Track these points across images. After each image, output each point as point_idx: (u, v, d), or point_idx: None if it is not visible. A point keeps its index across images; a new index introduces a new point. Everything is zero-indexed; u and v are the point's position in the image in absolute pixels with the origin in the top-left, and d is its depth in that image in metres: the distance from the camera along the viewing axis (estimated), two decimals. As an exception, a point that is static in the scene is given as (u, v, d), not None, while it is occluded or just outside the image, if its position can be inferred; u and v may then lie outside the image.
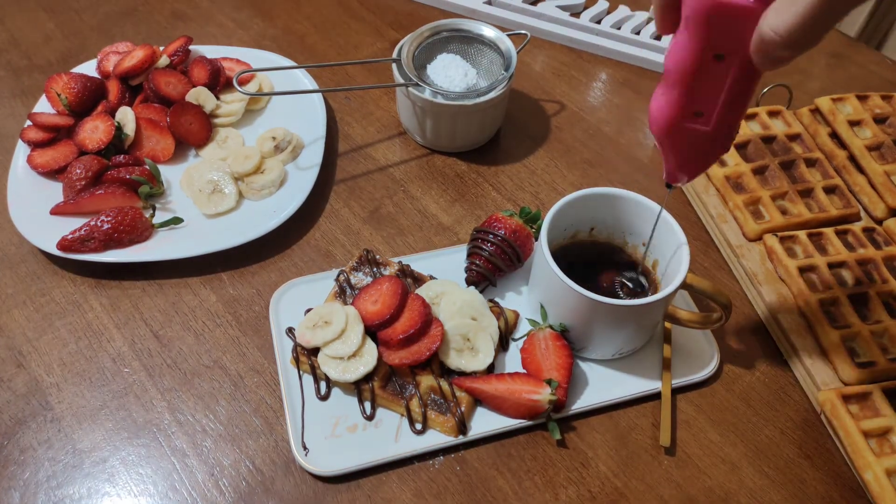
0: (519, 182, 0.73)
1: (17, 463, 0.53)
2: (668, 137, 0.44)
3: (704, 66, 0.39)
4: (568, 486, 0.53)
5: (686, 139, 0.43)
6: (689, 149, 0.44)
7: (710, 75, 0.39)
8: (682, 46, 0.39)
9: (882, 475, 0.51)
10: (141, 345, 0.60)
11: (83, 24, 0.88)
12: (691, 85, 0.40)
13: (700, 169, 0.47)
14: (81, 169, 0.66)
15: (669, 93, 0.41)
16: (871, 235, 0.66)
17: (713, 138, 0.43)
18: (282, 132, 0.72)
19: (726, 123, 0.42)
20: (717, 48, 0.38)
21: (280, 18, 0.90)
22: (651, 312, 0.54)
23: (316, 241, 0.68)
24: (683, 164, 0.46)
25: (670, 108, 0.42)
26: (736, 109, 0.41)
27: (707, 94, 0.40)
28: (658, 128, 0.44)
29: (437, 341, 0.55)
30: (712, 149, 0.44)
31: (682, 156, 0.45)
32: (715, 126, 0.42)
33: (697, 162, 0.46)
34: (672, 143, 0.44)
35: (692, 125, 0.42)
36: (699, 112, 0.41)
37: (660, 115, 0.43)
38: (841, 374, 0.57)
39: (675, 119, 0.42)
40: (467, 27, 0.74)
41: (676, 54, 0.39)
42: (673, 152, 0.45)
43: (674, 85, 0.41)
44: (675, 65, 0.40)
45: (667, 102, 0.42)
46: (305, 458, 0.52)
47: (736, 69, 0.39)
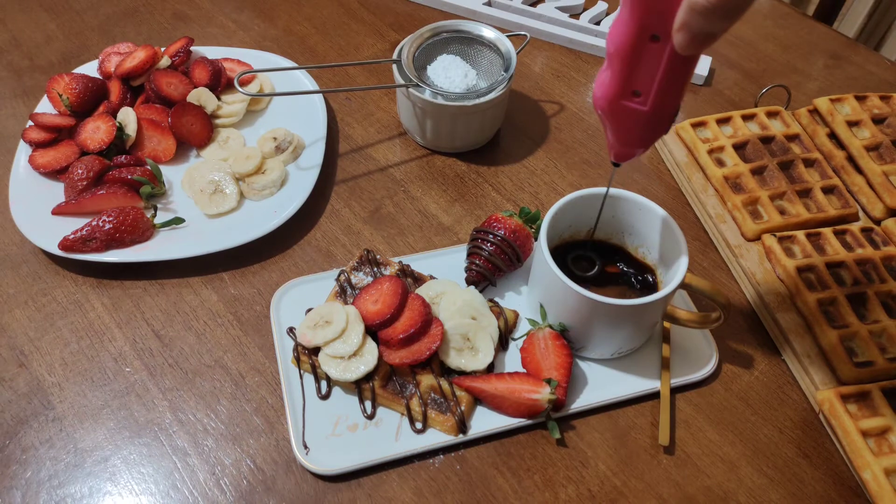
0: (519, 182, 0.74)
1: (18, 462, 0.54)
2: (608, 115, 0.45)
3: (641, 46, 0.40)
4: (567, 484, 0.54)
5: (625, 117, 0.44)
6: (629, 127, 0.45)
7: (647, 56, 0.40)
8: (621, 26, 0.40)
9: (880, 474, 0.51)
10: (142, 344, 0.60)
11: (84, 24, 0.89)
12: (629, 64, 0.41)
13: (639, 147, 0.48)
14: (83, 169, 0.66)
15: (610, 71, 0.42)
16: (869, 235, 0.66)
17: (651, 118, 0.44)
18: (283, 133, 0.72)
19: (664, 104, 0.43)
20: (653, 29, 0.39)
21: (281, 19, 0.91)
22: (650, 312, 0.55)
23: (317, 241, 0.68)
24: (624, 142, 0.47)
25: (610, 86, 0.43)
26: (673, 91, 0.42)
27: (644, 74, 0.41)
28: (599, 105, 0.45)
29: (437, 341, 0.55)
30: (651, 129, 0.45)
31: (623, 134, 0.46)
32: (652, 106, 0.43)
33: (637, 140, 0.47)
34: (612, 121, 0.45)
35: (630, 104, 0.43)
36: (637, 91, 0.42)
37: (600, 92, 0.44)
38: (839, 374, 0.57)
39: (614, 97, 0.43)
40: (467, 28, 0.74)
41: (616, 33, 0.40)
42: (613, 130, 0.46)
43: (613, 63, 0.42)
44: (614, 44, 0.41)
45: (607, 81, 0.43)
46: (306, 457, 0.53)
47: (671, 51, 0.39)
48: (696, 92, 0.84)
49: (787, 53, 0.90)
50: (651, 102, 0.43)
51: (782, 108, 0.76)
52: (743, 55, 0.89)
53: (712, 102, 0.83)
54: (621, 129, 0.46)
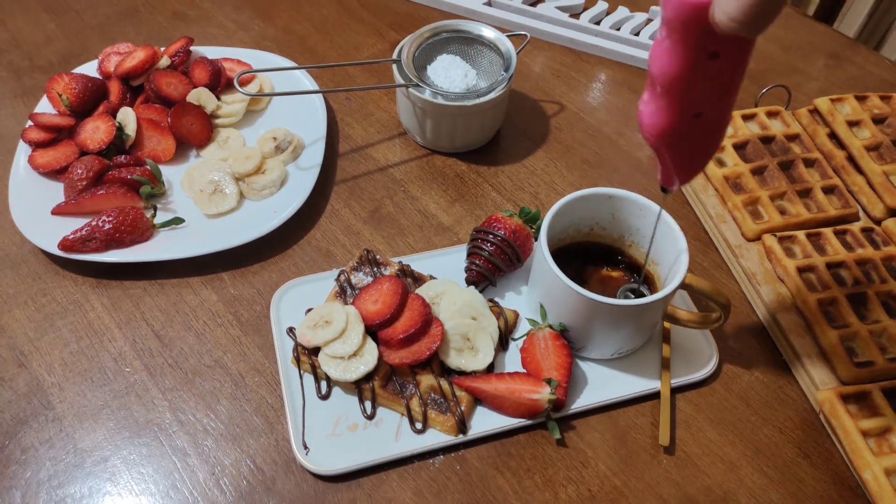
0: (519, 182, 0.74)
1: (18, 462, 0.54)
2: (668, 144, 0.42)
3: (699, 68, 0.37)
4: (567, 485, 0.54)
5: (685, 142, 0.42)
6: (689, 151, 0.43)
7: (706, 75, 0.38)
8: (671, 52, 0.37)
9: (881, 474, 0.51)
10: (142, 344, 0.60)
11: (84, 24, 0.89)
12: (688, 89, 0.38)
13: (700, 168, 0.46)
14: (82, 169, 0.66)
15: (665, 100, 0.39)
16: (869, 235, 0.66)
17: (714, 135, 0.42)
18: (282, 133, 0.72)
19: (724, 117, 0.41)
20: (711, 47, 0.36)
21: (280, 19, 0.90)
22: (650, 312, 0.55)
23: (316, 241, 0.68)
24: (683, 167, 0.45)
25: (669, 115, 0.40)
26: (733, 101, 0.40)
27: (705, 94, 0.39)
28: (657, 137, 0.42)
29: (437, 341, 0.55)
30: (710, 145, 0.43)
31: (682, 159, 0.44)
32: (716, 123, 0.41)
33: (697, 162, 0.45)
34: (674, 150, 0.43)
35: (692, 127, 0.41)
36: (698, 113, 0.40)
37: (657, 122, 0.41)
38: (840, 374, 0.57)
39: (676, 125, 0.40)
40: (467, 28, 0.74)
41: (666, 59, 0.37)
42: (672, 157, 0.44)
43: (669, 92, 0.39)
44: (667, 71, 0.38)
45: (663, 109, 0.40)
46: (306, 458, 0.53)
47: (733, 63, 0.37)
48: (696, 92, 0.84)
49: (787, 53, 0.90)
50: (713, 120, 0.41)
51: (782, 108, 0.76)
52: (743, 55, 0.89)
53: (712, 102, 0.83)
54: (683, 155, 0.43)
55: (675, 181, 0.46)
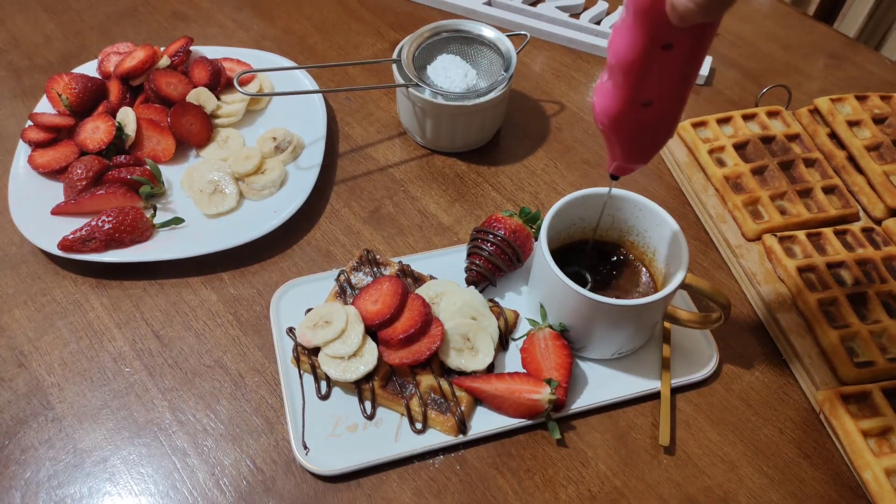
0: (519, 182, 0.74)
1: (18, 462, 0.54)
2: (615, 128, 0.43)
3: (653, 56, 0.38)
4: (567, 485, 0.54)
5: (634, 129, 0.42)
6: (637, 139, 0.43)
7: (659, 65, 0.38)
8: (628, 37, 0.37)
9: (881, 475, 0.51)
10: (142, 344, 0.60)
11: (84, 24, 0.88)
12: (639, 75, 0.39)
13: (646, 158, 0.46)
14: (82, 169, 0.66)
15: (615, 84, 0.40)
16: (869, 235, 0.66)
17: (661, 126, 0.42)
18: (282, 132, 0.72)
19: (673, 111, 0.41)
20: (666, 37, 0.37)
21: (280, 19, 0.90)
22: (650, 312, 0.54)
23: (316, 241, 0.68)
24: (630, 155, 0.45)
25: (618, 99, 0.41)
26: (684, 95, 0.41)
27: (656, 84, 0.39)
28: (603, 119, 0.42)
29: (437, 341, 0.55)
30: (659, 136, 0.44)
31: (630, 146, 0.44)
32: (662, 115, 0.41)
33: (646, 151, 0.45)
34: (620, 134, 0.43)
35: (640, 115, 0.41)
36: (647, 101, 0.41)
37: (606, 106, 0.42)
38: (840, 374, 0.57)
39: (624, 110, 0.41)
40: (467, 28, 0.74)
41: (622, 45, 0.38)
42: (619, 143, 0.44)
43: (620, 76, 0.39)
44: (622, 56, 0.38)
45: (613, 93, 0.41)
46: (306, 458, 0.53)
47: (686, 56, 0.38)
48: (696, 92, 0.84)
49: (787, 53, 0.90)
50: (662, 111, 0.41)
51: (783, 108, 0.76)
52: (743, 55, 0.89)
53: (713, 102, 0.83)
54: (629, 141, 0.44)
55: (624, 169, 0.47)
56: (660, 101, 0.41)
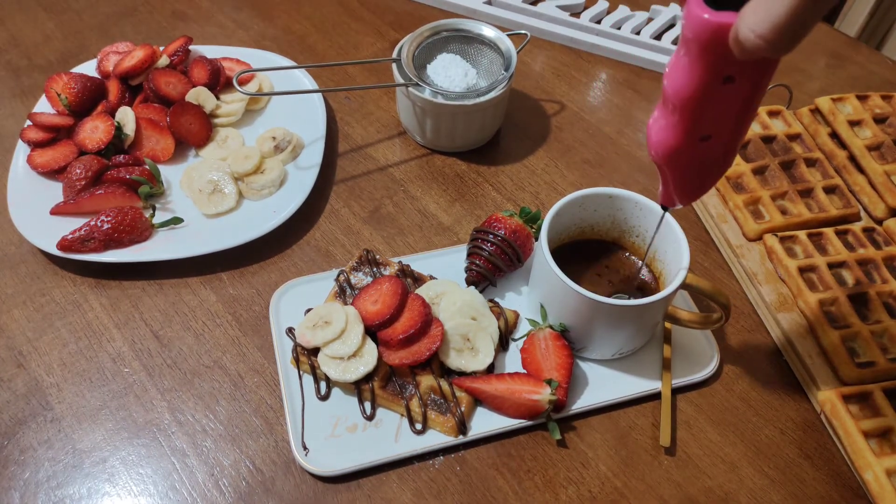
0: (519, 182, 0.73)
1: (17, 463, 0.53)
2: (671, 164, 0.41)
3: (713, 90, 0.36)
4: (568, 486, 0.53)
5: (690, 164, 0.41)
6: (694, 173, 0.42)
7: (719, 99, 0.37)
8: (686, 71, 0.36)
9: (882, 475, 0.51)
10: (141, 345, 0.60)
11: (83, 23, 0.88)
12: (699, 110, 0.37)
13: (703, 192, 0.45)
14: (81, 169, 0.66)
15: (674, 118, 0.38)
16: (871, 235, 0.66)
17: (720, 161, 0.41)
18: (282, 132, 0.72)
19: (734, 144, 0.40)
20: (727, 71, 0.35)
21: (280, 18, 0.90)
22: (651, 312, 0.54)
23: (316, 241, 0.68)
24: (686, 188, 0.44)
25: (676, 134, 0.39)
26: (744, 128, 0.39)
27: (716, 118, 0.38)
28: (662, 154, 0.41)
29: (437, 341, 0.55)
30: (717, 170, 0.42)
31: (686, 180, 0.43)
32: (724, 148, 0.40)
33: (700, 185, 0.44)
34: (675, 170, 0.42)
35: (698, 149, 0.40)
36: (706, 136, 0.39)
37: (664, 141, 0.40)
38: (841, 374, 0.57)
39: (682, 145, 0.39)
40: (467, 27, 0.74)
41: (681, 79, 0.36)
42: (676, 178, 0.43)
43: (679, 110, 0.38)
44: (680, 90, 0.37)
45: (671, 128, 0.39)
46: (305, 458, 0.53)
47: (747, 90, 0.36)
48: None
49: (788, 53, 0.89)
50: (721, 145, 0.40)
51: (784, 108, 0.76)
52: (744, 54, 0.89)
53: (713, 102, 0.83)
54: (685, 176, 0.42)
55: (675, 201, 0.46)
56: (719, 136, 0.39)
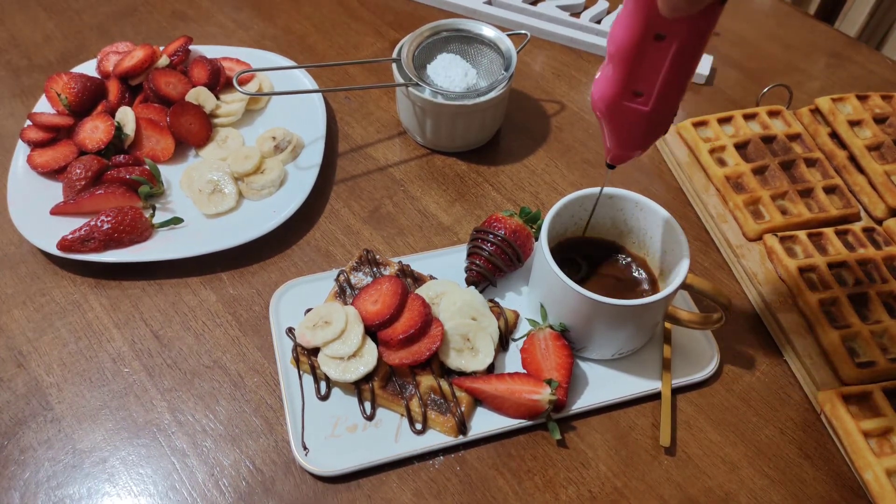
0: (519, 182, 0.73)
1: (17, 463, 0.53)
2: (607, 116, 0.44)
3: (645, 45, 0.39)
4: (568, 486, 0.53)
5: (625, 118, 0.44)
6: (628, 128, 0.45)
7: (650, 55, 0.39)
8: (623, 24, 0.39)
9: (882, 475, 0.51)
10: (141, 345, 0.60)
11: (83, 23, 0.88)
12: (631, 63, 0.40)
13: (638, 149, 0.47)
14: (81, 169, 0.66)
15: (610, 71, 0.42)
16: (871, 235, 0.66)
17: (651, 119, 0.43)
18: (282, 132, 0.72)
19: (665, 105, 0.42)
20: (658, 27, 0.38)
21: (280, 18, 0.90)
22: (651, 312, 0.54)
23: (316, 241, 0.68)
24: (622, 144, 0.47)
25: (610, 85, 0.42)
26: (674, 91, 0.42)
27: (646, 74, 0.41)
28: (598, 105, 0.44)
29: (437, 341, 0.55)
30: (651, 130, 0.45)
31: (621, 135, 0.46)
32: (653, 106, 0.42)
33: (635, 142, 0.46)
34: (611, 122, 0.45)
35: (631, 104, 0.42)
36: (638, 91, 0.42)
37: (600, 92, 0.43)
38: (841, 374, 0.57)
39: (615, 97, 0.42)
40: (467, 27, 0.74)
41: (618, 32, 0.40)
42: (612, 131, 0.46)
43: (614, 63, 0.41)
44: (617, 43, 0.40)
45: (607, 80, 0.42)
46: (305, 458, 0.52)
47: (676, 50, 0.39)
48: (697, 91, 0.84)
49: (788, 53, 0.90)
50: (653, 103, 0.42)
51: (784, 108, 0.76)
52: (744, 54, 0.89)
53: (714, 102, 0.83)
54: (620, 130, 0.45)
55: (617, 157, 0.48)
56: (650, 93, 0.42)
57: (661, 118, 0.43)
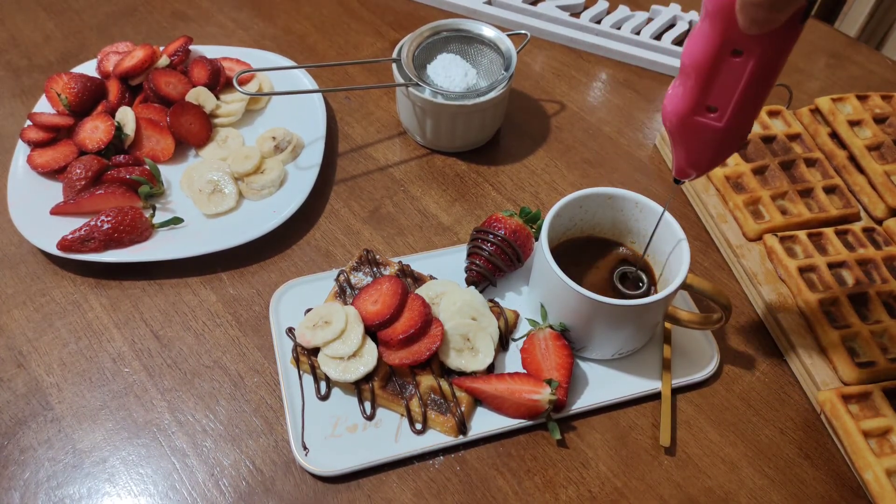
0: (519, 182, 0.73)
1: (17, 463, 0.53)
2: (679, 131, 0.44)
3: (721, 61, 0.39)
4: (568, 486, 0.53)
5: (697, 134, 0.43)
6: (700, 144, 0.44)
7: (727, 70, 0.39)
8: (700, 39, 0.39)
9: (882, 475, 0.51)
10: (141, 345, 0.60)
11: (83, 23, 0.88)
12: (706, 78, 0.40)
13: (709, 165, 0.46)
14: (81, 169, 0.66)
15: (685, 85, 0.41)
16: (870, 235, 0.66)
17: (725, 135, 0.43)
18: (282, 132, 0.72)
19: (739, 121, 0.42)
20: (736, 43, 0.38)
21: (280, 18, 0.90)
22: (651, 312, 0.54)
23: (316, 241, 0.68)
24: (693, 160, 0.46)
25: (684, 100, 0.42)
26: (750, 107, 0.41)
27: (722, 90, 0.40)
28: (670, 120, 0.43)
29: (437, 341, 0.55)
30: (723, 146, 0.44)
31: (692, 151, 0.45)
32: (727, 122, 0.42)
33: (707, 158, 0.45)
34: (683, 137, 0.44)
35: (704, 120, 0.42)
36: (713, 107, 0.41)
37: (673, 106, 0.43)
38: (841, 374, 0.57)
39: (688, 112, 0.42)
40: (467, 27, 0.74)
41: (694, 46, 0.39)
42: (683, 146, 0.45)
43: (689, 77, 0.40)
44: (692, 57, 0.39)
45: (681, 95, 0.42)
46: (305, 458, 0.52)
47: (753, 66, 0.38)
48: (696, 91, 0.84)
49: (788, 52, 0.89)
50: (727, 119, 0.41)
51: (784, 108, 0.76)
52: (744, 54, 0.89)
53: (713, 102, 0.83)
54: (692, 145, 0.44)
55: (686, 173, 0.47)
56: (725, 109, 0.41)
57: (735, 134, 0.43)
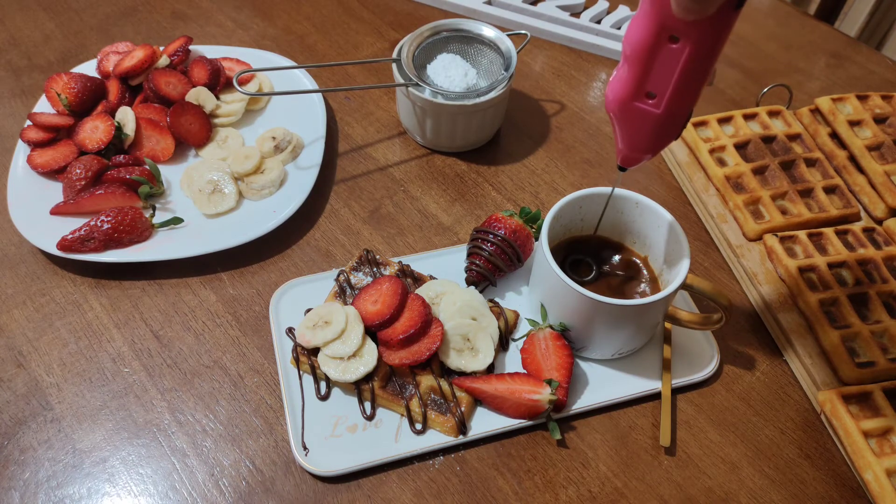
0: (519, 182, 0.73)
1: (17, 463, 0.53)
2: (619, 116, 0.44)
3: (659, 47, 0.39)
4: (568, 486, 0.53)
5: (637, 120, 0.44)
6: (640, 130, 0.45)
7: (664, 56, 0.40)
8: (639, 25, 0.39)
9: (882, 475, 0.51)
10: (141, 345, 0.60)
11: (83, 23, 0.88)
12: (645, 64, 0.40)
13: (649, 152, 0.47)
14: (81, 169, 0.66)
15: (625, 71, 0.42)
16: (871, 235, 0.66)
17: (663, 121, 0.43)
18: (282, 132, 0.72)
19: (677, 108, 0.42)
20: (672, 29, 0.38)
21: (280, 18, 0.90)
22: (651, 312, 0.54)
23: (316, 241, 0.68)
24: (632, 146, 0.46)
25: (624, 86, 0.42)
26: (687, 95, 0.42)
27: (660, 76, 0.41)
28: (611, 106, 0.44)
29: (437, 341, 0.55)
30: (662, 132, 0.44)
31: (633, 137, 0.46)
32: (665, 109, 0.42)
33: (647, 145, 0.46)
34: (623, 123, 0.45)
35: (644, 106, 0.43)
36: (651, 93, 0.42)
37: (614, 93, 0.43)
38: (841, 374, 0.57)
39: (627, 98, 0.43)
40: (467, 27, 0.74)
41: (633, 33, 0.40)
42: (624, 133, 0.46)
43: (629, 63, 0.41)
44: (631, 43, 0.40)
45: (621, 81, 0.42)
46: (305, 458, 0.52)
47: (689, 52, 0.39)
48: (696, 91, 0.84)
49: (788, 53, 0.90)
50: (665, 105, 0.42)
51: (784, 108, 0.76)
52: (744, 54, 0.89)
53: (714, 102, 0.83)
54: (632, 132, 0.45)
55: (628, 160, 0.48)
56: (662, 95, 0.42)
57: (673, 121, 0.43)
